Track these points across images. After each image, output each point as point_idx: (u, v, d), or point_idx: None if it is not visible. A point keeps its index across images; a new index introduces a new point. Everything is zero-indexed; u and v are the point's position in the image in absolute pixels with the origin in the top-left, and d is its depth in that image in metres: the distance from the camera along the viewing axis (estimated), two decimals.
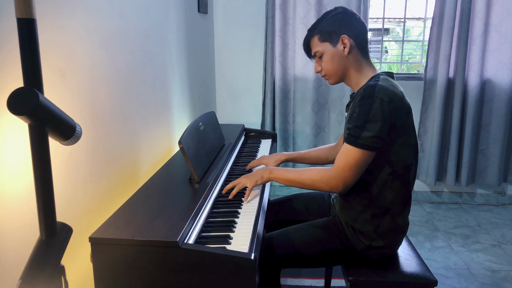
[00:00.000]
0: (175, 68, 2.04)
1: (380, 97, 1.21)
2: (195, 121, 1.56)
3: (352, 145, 1.24)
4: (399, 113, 1.25)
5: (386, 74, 1.36)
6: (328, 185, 1.29)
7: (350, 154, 1.25)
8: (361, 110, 1.23)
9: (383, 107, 1.21)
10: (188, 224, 1.08)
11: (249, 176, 1.43)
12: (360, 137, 1.22)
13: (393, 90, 1.26)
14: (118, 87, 1.39)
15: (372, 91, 1.23)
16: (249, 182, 1.40)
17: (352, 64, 1.37)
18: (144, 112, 1.63)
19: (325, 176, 1.29)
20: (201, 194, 1.27)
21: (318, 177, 1.31)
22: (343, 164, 1.26)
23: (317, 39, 1.39)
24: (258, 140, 2.17)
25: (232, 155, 1.78)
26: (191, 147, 1.40)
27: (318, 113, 2.96)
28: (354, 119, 1.24)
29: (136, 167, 1.54)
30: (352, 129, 1.24)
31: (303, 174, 1.35)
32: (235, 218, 1.25)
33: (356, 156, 1.24)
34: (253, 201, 1.38)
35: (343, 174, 1.26)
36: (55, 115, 0.69)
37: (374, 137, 1.21)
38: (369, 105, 1.22)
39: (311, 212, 1.64)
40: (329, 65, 1.39)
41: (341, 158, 1.27)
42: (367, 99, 1.23)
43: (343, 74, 1.40)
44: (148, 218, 1.10)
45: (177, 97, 2.06)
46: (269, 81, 2.91)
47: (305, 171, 1.36)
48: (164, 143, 1.85)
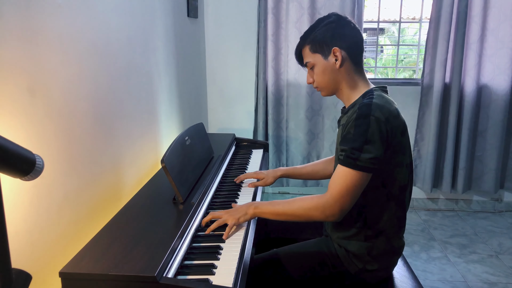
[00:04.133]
0: (163, 76, 1.96)
1: (376, 116, 1.15)
2: (180, 136, 1.48)
3: (350, 168, 1.16)
4: (395, 132, 1.18)
5: (380, 89, 1.29)
6: (324, 213, 1.19)
7: (348, 177, 1.17)
8: (357, 130, 1.16)
9: (380, 127, 1.14)
10: (169, 253, 1.00)
11: (231, 212, 1.29)
12: (360, 159, 1.14)
13: (389, 108, 1.19)
14: (98, 101, 1.32)
15: (367, 110, 1.16)
16: (230, 219, 1.25)
17: (344, 78, 1.30)
18: (128, 126, 1.55)
19: (319, 204, 1.19)
20: (185, 217, 1.19)
21: (312, 205, 1.21)
22: (340, 189, 1.17)
23: (308, 49, 1.32)
24: (249, 151, 2.10)
25: (220, 169, 1.71)
26: (175, 166, 1.33)
27: (312, 120, 2.89)
28: (350, 140, 1.17)
29: (119, 186, 1.47)
30: (349, 150, 1.16)
31: (294, 204, 1.24)
32: (220, 243, 1.17)
33: (355, 179, 1.16)
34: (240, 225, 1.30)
35: (340, 199, 1.17)
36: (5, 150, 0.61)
37: (374, 159, 1.14)
38: (365, 125, 1.15)
39: (302, 230, 1.57)
40: (320, 77, 1.32)
41: (337, 182, 1.18)
42: (363, 119, 1.16)
43: (335, 87, 1.33)
44: (126, 247, 1.03)
45: (165, 107, 1.98)
46: (261, 86, 2.84)
47: (296, 201, 1.25)
48: (150, 157, 1.77)
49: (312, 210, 1.20)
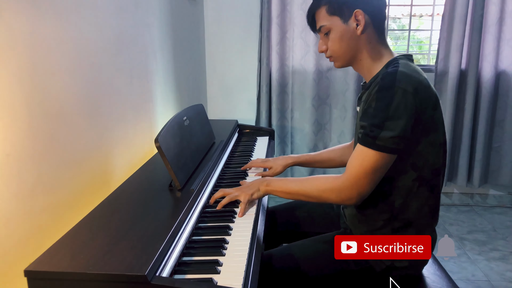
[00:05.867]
0: (158, 55, 1.77)
1: (402, 87, 0.97)
2: (178, 115, 1.29)
3: (368, 147, 1.00)
4: (426, 106, 1.00)
5: (405, 57, 1.10)
6: (340, 196, 1.06)
7: (366, 158, 1.00)
8: (379, 104, 0.98)
9: (407, 99, 0.97)
10: (163, 247, 0.82)
11: (243, 188, 1.17)
12: (379, 138, 0.98)
13: (417, 77, 1.01)
14: (81, 74, 1.13)
15: (392, 80, 0.98)
16: (243, 195, 1.14)
17: (365, 46, 1.12)
18: (118, 105, 1.36)
19: (335, 185, 1.06)
20: (183, 206, 1.01)
21: (327, 187, 1.07)
22: (357, 170, 1.02)
23: (324, 11, 1.13)
24: (253, 138, 1.91)
25: (223, 156, 1.52)
26: (171, 147, 1.14)
27: (319, 109, 2.71)
28: (370, 115, 1.00)
29: (107, 170, 1.28)
30: (369, 127, 0.99)
31: (307, 184, 1.12)
32: (225, 236, 0.99)
33: (373, 160, 0.99)
34: (248, 212, 1.12)
35: (357, 182, 1.02)
36: None
37: (396, 138, 0.97)
38: (389, 98, 0.97)
39: (316, 223, 1.38)
40: (336, 44, 1.13)
41: (354, 163, 1.03)
42: (386, 91, 0.98)
43: (353, 57, 1.14)
44: (112, 240, 0.84)
45: (161, 88, 1.79)
46: (264, 73, 2.65)
47: (310, 180, 1.12)
48: (144, 140, 1.58)
49: (327, 192, 1.07)
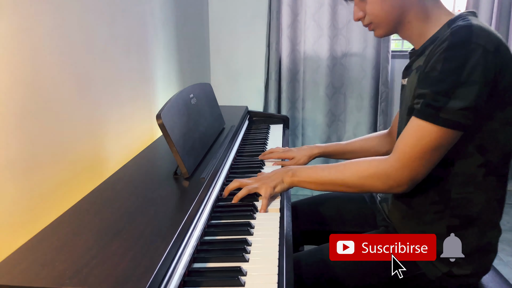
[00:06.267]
0: (160, 30, 1.55)
1: (481, 44, 0.76)
2: (183, 91, 1.08)
3: (428, 121, 0.79)
4: (505, 71, 0.79)
5: (471, 14, 0.89)
6: (387, 183, 0.86)
7: (425, 134, 0.80)
8: (448, 66, 0.78)
9: (487, 60, 0.76)
10: (170, 250, 0.60)
11: (263, 179, 0.96)
12: (445, 109, 0.77)
13: (497, 35, 0.81)
14: (69, 34, 0.91)
15: (468, 35, 0.78)
16: (264, 187, 0.93)
17: (413, 5, 0.91)
18: (113, 80, 1.15)
19: (381, 170, 0.86)
20: (193, 197, 0.79)
21: (371, 172, 0.88)
22: (412, 150, 0.82)
23: None
24: (266, 126, 1.70)
25: (235, 142, 1.31)
26: (176, 126, 0.93)
27: (333, 98, 2.50)
28: (434, 80, 0.79)
29: (99, 155, 1.06)
30: (431, 96, 0.79)
31: (345, 170, 0.92)
32: (247, 236, 0.78)
33: (434, 137, 0.79)
34: (270, 207, 0.91)
35: (410, 164, 0.82)
36: None
37: (467, 109, 0.77)
38: (463, 58, 0.77)
39: (347, 222, 1.17)
40: (377, 6, 0.92)
41: (408, 140, 0.83)
42: (460, 48, 0.77)
43: (398, 20, 0.93)
44: (100, 241, 0.62)
45: (162, 68, 1.58)
46: (273, 59, 2.44)
47: (348, 166, 0.93)
48: (144, 123, 1.37)
49: (371, 178, 0.88)
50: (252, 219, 0.86)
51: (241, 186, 0.95)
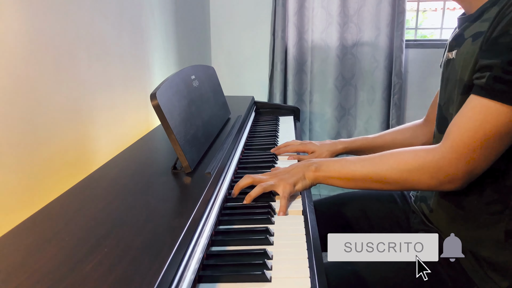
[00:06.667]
0: (156, 12, 1.38)
1: None
2: (183, 71, 0.91)
3: (496, 100, 0.63)
4: None
5: None
6: (436, 178, 0.70)
7: (491, 117, 0.64)
8: None
9: None
10: (169, 265, 0.44)
11: (281, 174, 0.80)
12: None
13: None
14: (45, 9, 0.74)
15: None
16: (281, 185, 0.77)
17: None
18: (102, 61, 0.98)
19: (429, 161, 0.70)
20: (197, 196, 0.63)
21: (416, 164, 0.72)
22: (472, 136, 0.66)
23: None
24: (274, 118, 1.53)
25: (242, 133, 1.14)
26: (176, 109, 0.76)
27: (342, 91, 2.33)
28: (506, 47, 0.63)
29: (84, 150, 0.89)
30: (502, 67, 0.63)
31: (380, 163, 0.76)
32: (266, 246, 0.61)
33: (503, 121, 0.64)
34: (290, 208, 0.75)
35: (468, 155, 0.67)
36: None
37: None
38: None
39: (374, 224, 1.00)
40: None
41: (466, 124, 0.67)
42: None
43: None
44: (77, 251, 0.46)
45: (160, 51, 1.41)
46: (279, 48, 2.27)
47: (384, 158, 0.76)
48: (138, 112, 1.20)
49: (416, 172, 0.72)
50: (270, 223, 0.69)
51: (254, 183, 0.78)
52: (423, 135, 1.03)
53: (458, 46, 0.78)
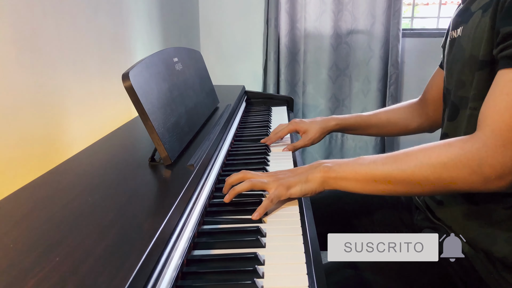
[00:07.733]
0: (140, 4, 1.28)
1: None
2: (164, 51, 0.81)
3: None
4: None
5: None
6: (480, 173, 0.57)
7: None
8: None
9: None
10: (134, 279, 0.35)
11: (281, 174, 0.69)
12: None
13: None
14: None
15: None
16: (274, 185, 0.65)
17: None
18: (75, 45, 0.88)
19: (467, 152, 0.57)
20: (176, 192, 0.53)
21: (451, 157, 0.58)
22: None
23: None
24: (267, 108, 1.44)
25: (232, 123, 1.05)
26: (153, 92, 0.66)
27: (337, 81, 2.24)
28: None
29: (55, 142, 0.80)
30: None
31: (406, 159, 0.62)
32: (257, 249, 0.52)
33: None
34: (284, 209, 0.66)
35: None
36: None
37: None
38: None
39: (375, 220, 0.92)
40: None
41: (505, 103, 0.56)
42: None
43: None
44: (12, 269, 0.37)
45: (143, 35, 1.31)
46: (272, 38, 2.17)
47: (410, 153, 0.63)
48: (118, 101, 1.10)
49: (453, 168, 0.57)
50: (262, 222, 0.60)
51: (244, 179, 0.69)
52: (419, 116, 0.95)
53: (464, 22, 0.70)
